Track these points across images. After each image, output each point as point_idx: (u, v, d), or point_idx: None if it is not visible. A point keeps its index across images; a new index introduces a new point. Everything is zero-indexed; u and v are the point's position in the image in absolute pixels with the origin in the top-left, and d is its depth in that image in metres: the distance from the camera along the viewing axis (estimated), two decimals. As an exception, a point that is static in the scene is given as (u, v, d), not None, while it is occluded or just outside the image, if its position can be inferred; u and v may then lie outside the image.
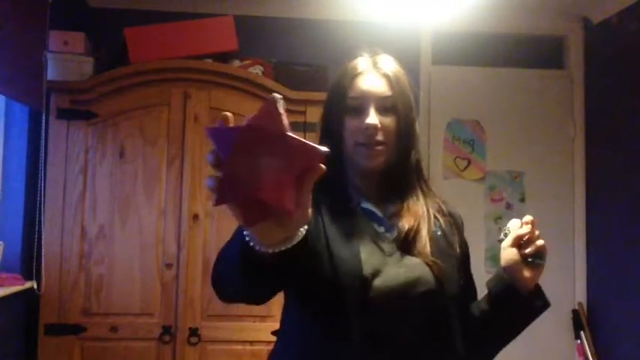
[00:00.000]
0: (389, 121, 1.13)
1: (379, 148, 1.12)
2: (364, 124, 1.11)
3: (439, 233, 1.14)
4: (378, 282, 1.03)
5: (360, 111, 1.13)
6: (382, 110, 1.13)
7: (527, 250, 1.10)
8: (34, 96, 2.34)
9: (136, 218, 2.43)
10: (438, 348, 1.07)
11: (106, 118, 2.45)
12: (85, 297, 2.39)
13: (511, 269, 1.11)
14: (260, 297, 0.95)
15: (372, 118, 1.11)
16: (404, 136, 1.14)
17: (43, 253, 2.34)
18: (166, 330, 2.39)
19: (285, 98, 2.80)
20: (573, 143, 3.21)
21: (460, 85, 3.20)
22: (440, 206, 1.20)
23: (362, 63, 1.17)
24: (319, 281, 1.03)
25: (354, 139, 1.13)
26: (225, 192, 0.63)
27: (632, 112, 2.79)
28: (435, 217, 1.16)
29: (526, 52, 3.30)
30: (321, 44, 3.02)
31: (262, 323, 2.40)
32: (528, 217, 1.12)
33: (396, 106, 1.13)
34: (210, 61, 2.57)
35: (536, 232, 1.11)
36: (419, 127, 1.20)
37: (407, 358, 1.04)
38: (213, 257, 2.41)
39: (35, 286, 2.32)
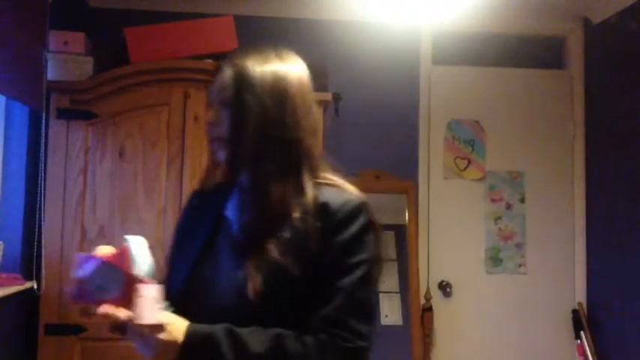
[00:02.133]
0: (224, 115, 1.10)
1: (215, 144, 1.13)
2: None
3: (286, 236, 1.02)
4: (182, 291, 1.08)
5: None
6: (220, 104, 1.11)
7: None
8: (34, 96, 2.34)
9: (136, 218, 2.43)
10: None
11: (106, 118, 2.45)
12: (85, 297, 2.38)
13: None
14: None
15: (208, 114, 1.14)
16: (234, 128, 1.08)
17: (43, 253, 2.33)
18: (166, 330, 2.39)
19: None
20: (573, 143, 3.21)
21: (460, 85, 3.20)
22: (309, 204, 1.04)
23: None
24: None
25: None
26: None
27: (632, 112, 2.79)
28: (290, 217, 1.03)
29: (526, 52, 3.30)
30: (321, 44, 3.01)
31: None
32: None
33: (232, 97, 1.09)
34: (210, 61, 2.57)
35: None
36: (297, 114, 1.11)
37: None
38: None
39: (35, 286, 2.31)
